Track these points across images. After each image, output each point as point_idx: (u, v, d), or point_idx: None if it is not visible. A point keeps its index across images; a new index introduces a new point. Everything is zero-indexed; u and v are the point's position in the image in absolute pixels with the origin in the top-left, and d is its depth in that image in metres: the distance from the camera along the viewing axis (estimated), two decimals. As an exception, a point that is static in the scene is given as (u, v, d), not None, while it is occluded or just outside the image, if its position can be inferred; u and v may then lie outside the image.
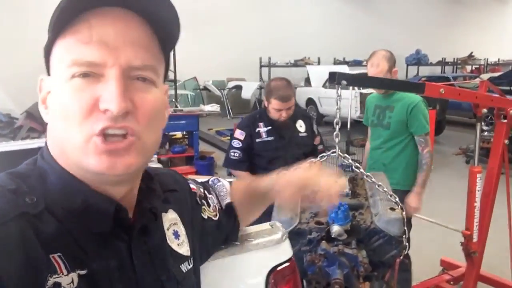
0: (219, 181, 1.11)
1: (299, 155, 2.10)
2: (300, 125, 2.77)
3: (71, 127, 0.62)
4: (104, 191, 0.67)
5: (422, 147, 2.68)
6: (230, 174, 2.89)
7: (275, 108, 2.57)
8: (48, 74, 0.69)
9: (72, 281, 0.61)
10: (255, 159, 2.70)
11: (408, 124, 2.70)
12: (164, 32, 0.69)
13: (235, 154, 2.68)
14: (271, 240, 1.13)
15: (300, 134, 2.75)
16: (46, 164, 0.69)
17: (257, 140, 2.66)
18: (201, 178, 1.15)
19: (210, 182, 1.10)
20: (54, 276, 0.59)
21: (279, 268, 1.12)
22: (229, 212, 1.04)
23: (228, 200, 1.06)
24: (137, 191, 0.75)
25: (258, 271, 1.11)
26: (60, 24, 0.62)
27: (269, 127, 2.67)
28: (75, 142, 0.62)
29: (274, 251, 1.13)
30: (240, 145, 2.67)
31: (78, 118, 0.61)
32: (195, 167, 6.14)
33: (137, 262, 0.70)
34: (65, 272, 0.60)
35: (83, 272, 0.62)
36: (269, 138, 2.66)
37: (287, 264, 1.14)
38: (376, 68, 2.67)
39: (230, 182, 1.13)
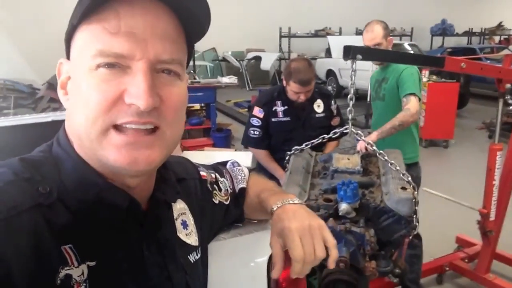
0: (239, 166, 1.10)
1: (313, 138, 2.05)
2: (318, 105, 2.69)
3: (89, 118, 0.60)
4: (120, 180, 0.67)
5: (403, 105, 2.48)
6: (246, 147, 2.87)
7: (294, 91, 2.52)
8: (68, 58, 0.67)
9: (83, 273, 0.61)
10: (270, 139, 2.68)
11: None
12: (192, 24, 0.67)
13: (255, 133, 2.65)
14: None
15: (317, 115, 2.68)
16: (62, 152, 0.67)
17: (273, 119, 2.63)
18: (221, 157, 1.13)
19: (228, 165, 1.09)
20: (65, 268, 0.59)
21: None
22: (240, 196, 1.04)
23: (243, 185, 1.05)
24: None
25: (261, 252, 1.10)
26: (87, 10, 0.60)
27: (286, 107, 2.62)
28: (92, 135, 0.61)
29: None
30: (260, 123, 2.63)
31: (100, 110, 0.60)
32: (212, 139, 6.16)
33: (146, 253, 0.70)
34: (75, 264, 0.60)
35: (92, 263, 0.62)
36: (285, 119, 2.62)
37: None
38: (371, 33, 2.62)
39: (249, 171, 1.11)
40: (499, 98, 2.54)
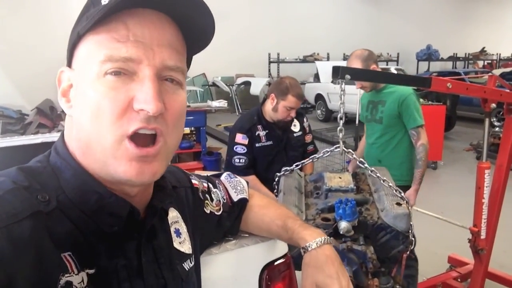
0: (236, 177, 1.12)
1: (296, 158, 2.06)
2: (295, 125, 2.71)
3: (102, 126, 0.62)
4: (120, 189, 0.68)
5: (415, 140, 2.64)
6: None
7: (290, 106, 2.50)
8: (69, 66, 0.68)
9: (82, 280, 0.61)
10: (255, 164, 2.64)
11: (401, 118, 2.67)
12: (195, 37, 0.70)
13: (241, 161, 2.57)
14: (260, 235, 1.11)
15: (295, 135, 2.70)
16: (61, 161, 0.68)
17: (257, 144, 2.59)
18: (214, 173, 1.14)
19: (224, 176, 1.11)
20: (66, 275, 0.60)
21: (274, 264, 1.11)
22: (237, 207, 1.05)
23: (243, 196, 1.06)
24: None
25: (252, 267, 1.10)
26: (97, 22, 0.61)
27: (267, 131, 2.60)
28: (105, 143, 0.62)
29: (270, 246, 1.11)
30: (245, 150, 2.57)
31: (111, 118, 0.61)
32: (202, 162, 6.16)
33: (144, 260, 0.71)
34: (75, 271, 0.61)
35: (91, 271, 0.63)
36: (268, 143, 2.60)
37: (282, 260, 1.13)
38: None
39: (247, 183, 1.13)
40: (485, 117, 2.59)
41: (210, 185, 1.02)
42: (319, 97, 11.66)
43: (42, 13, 10.36)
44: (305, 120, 2.80)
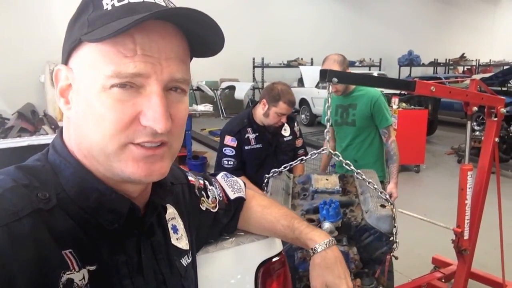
0: (233, 177, 1.14)
1: (286, 162, 2.08)
2: (285, 129, 2.73)
3: (106, 136, 0.61)
4: (122, 189, 0.68)
5: (386, 138, 2.82)
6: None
7: (281, 112, 2.51)
8: (65, 63, 0.67)
9: (84, 277, 0.61)
10: (244, 166, 2.65)
11: (373, 118, 2.80)
12: (200, 47, 0.69)
13: (229, 163, 2.59)
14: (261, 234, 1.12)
15: (285, 139, 2.71)
16: (60, 159, 0.68)
17: (246, 147, 2.60)
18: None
19: (220, 175, 1.12)
20: (67, 273, 0.60)
21: (269, 262, 1.12)
22: (234, 205, 1.05)
23: (240, 195, 1.07)
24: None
25: (247, 265, 1.10)
26: (102, 37, 0.59)
27: (257, 134, 2.61)
28: (108, 150, 0.62)
29: (264, 245, 1.12)
30: (234, 152, 2.58)
31: (116, 129, 0.61)
32: (188, 166, 6.14)
33: (144, 256, 0.71)
34: (76, 268, 0.61)
35: (92, 268, 0.63)
36: (258, 146, 2.61)
37: (277, 258, 1.14)
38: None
39: (244, 184, 1.15)
40: (467, 120, 2.64)
41: (206, 183, 1.03)
42: (303, 101, 11.73)
43: (24, 14, 10.17)
44: (295, 124, 2.81)
